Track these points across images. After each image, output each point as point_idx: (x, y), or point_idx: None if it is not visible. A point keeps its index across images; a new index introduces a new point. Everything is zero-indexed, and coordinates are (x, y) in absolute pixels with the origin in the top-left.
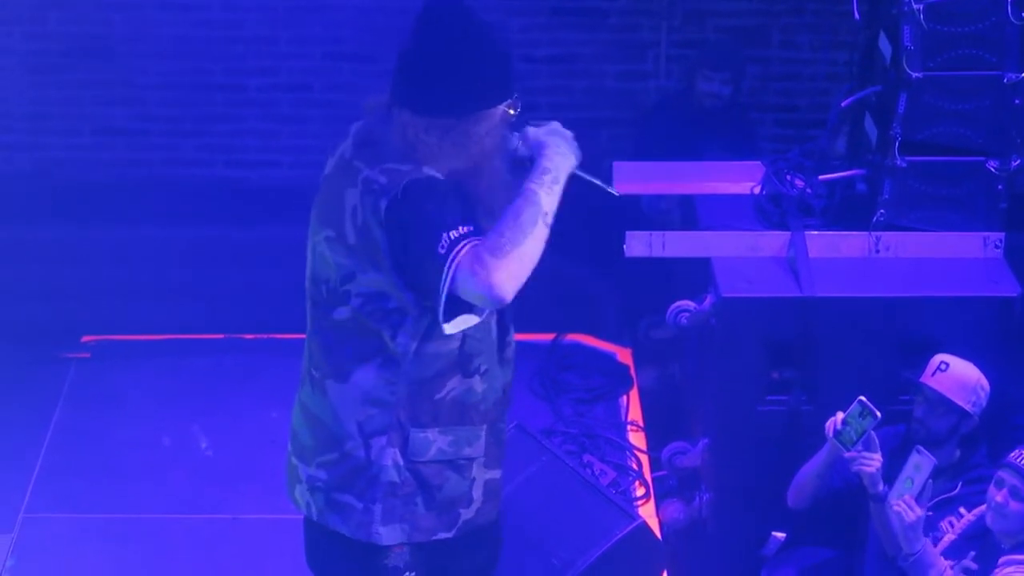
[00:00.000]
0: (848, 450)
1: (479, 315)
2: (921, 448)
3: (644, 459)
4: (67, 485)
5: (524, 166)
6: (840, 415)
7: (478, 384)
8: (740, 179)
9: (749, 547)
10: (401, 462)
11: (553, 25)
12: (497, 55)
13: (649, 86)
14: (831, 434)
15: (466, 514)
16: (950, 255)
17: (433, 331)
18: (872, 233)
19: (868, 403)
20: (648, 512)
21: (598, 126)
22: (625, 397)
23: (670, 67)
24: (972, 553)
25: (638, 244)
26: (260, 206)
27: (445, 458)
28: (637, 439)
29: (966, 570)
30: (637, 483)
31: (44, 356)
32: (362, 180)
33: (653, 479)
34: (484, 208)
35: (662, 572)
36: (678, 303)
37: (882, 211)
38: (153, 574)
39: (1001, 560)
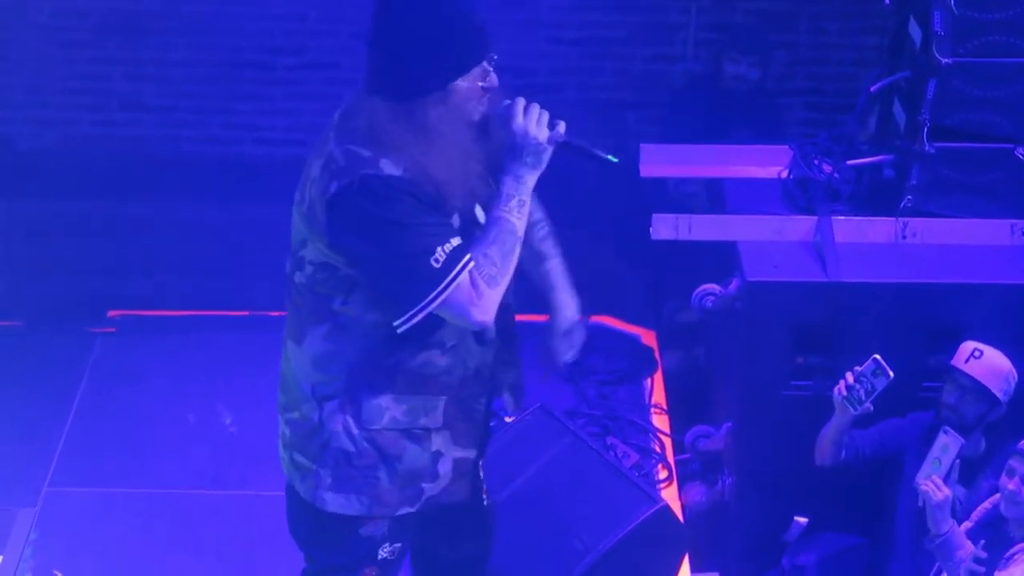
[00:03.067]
0: (856, 410)
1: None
2: (948, 429)
3: (667, 442)
4: (91, 460)
5: (487, 130)
6: (850, 375)
7: (439, 358)
8: (767, 163)
9: (771, 532)
10: (355, 430)
11: (582, 7)
12: (451, 25)
13: (677, 69)
14: (841, 393)
15: (430, 489)
16: (977, 242)
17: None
18: (899, 219)
19: (882, 362)
20: (671, 495)
21: (626, 108)
22: (649, 380)
23: (698, 50)
24: (982, 542)
25: (664, 227)
26: (286, 184)
27: (399, 427)
28: (660, 422)
29: (977, 559)
30: (660, 466)
31: (70, 330)
32: (327, 154)
33: (676, 462)
34: (440, 189)
35: (684, 555)
36: (704, 286)
37: (909, 197)
38: (175, 549)
39: (1016, 547)
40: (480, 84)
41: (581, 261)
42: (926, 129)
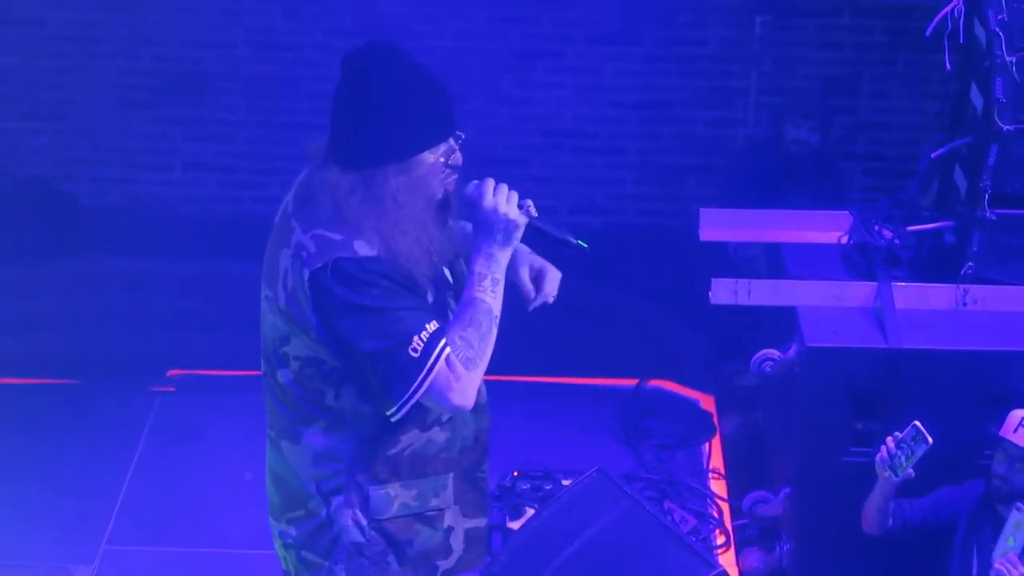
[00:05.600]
0: (897, 476)
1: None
2: (1021, 505)
3: (725, 507)
4: (149, 518)
5: (447, 210)
6: (891, 441)
7: (438, 434)
8: (827, 228)
9: None
10: (364, 521)
11: (643, 71)
12: (421, 97)
13: (738, 133)
14: (884, 460)
15: (445, 565)
16: None
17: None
18: (960, 285)
19: (922, 428)
20: (728, 561)
21: (686, 172)
22: (707, 444)
23: (759, 114)
24: None
25: (724, 291)
26: None
27: (411, 512)
28: (718, 487)
29: None
30: (718, 531)
31: (130, 389)
32: (295, 243)
33: (734, 527)
34: (409, 266)
35: None
36: (763, 351)
37: (970, 263)
38: None
39: None
40: (444, 161)
41: (639, 325)
42: (987, 196)
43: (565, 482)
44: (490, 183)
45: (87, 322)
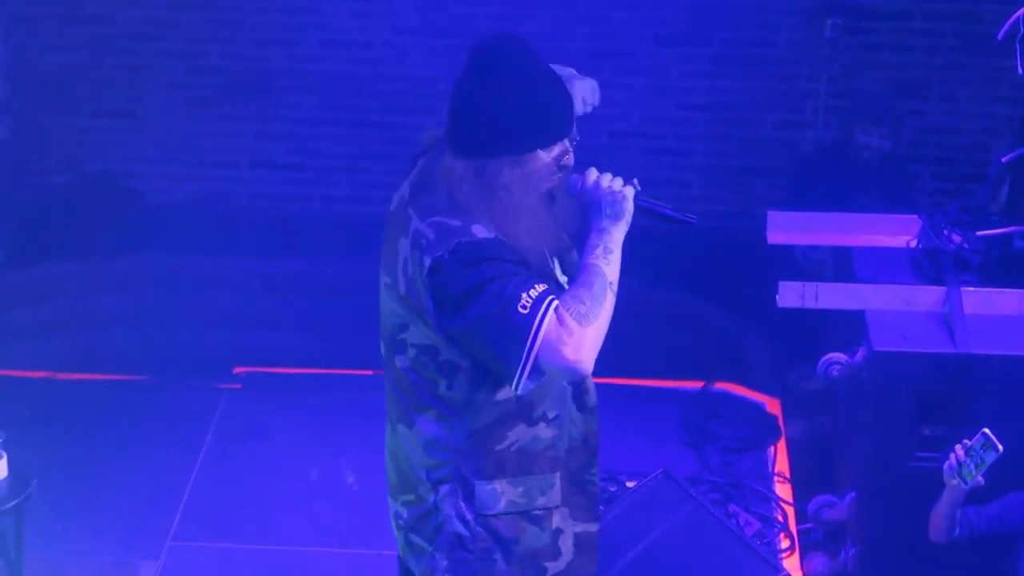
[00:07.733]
0: (966, 484)
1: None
2: None
3: (790, 511)
4: (214, 514)
5: (554, 203)
6: (960, 449)
7: (544, 431)
8: (896, 232)
9: None
10: (468, 515)
11: (711, 73)
12: (547, 95)
13: (806, 136)
14: (952, 468)
15: (553, 567)
16: None
17: (487, 380)
18: None
19: (991, 435)
20: (792, 565)
21: (754, 175)
22: (773, 448)
23: (828, 117)
24: None
25: (791, 295)
26: None
27: (517, 509)
28: (784, 491)
29: None
30: (782, 535)
31: (196, 386)
32: (413, 231)
33: (798, 531)
34: (525, 255)
35: None
36: (830, 355)
37: None
38: None
39: None
40: (556, 160)
41: (705, 328)
42: None
43: (630, 484)
44: (592, 170)
45: (153, 319)
